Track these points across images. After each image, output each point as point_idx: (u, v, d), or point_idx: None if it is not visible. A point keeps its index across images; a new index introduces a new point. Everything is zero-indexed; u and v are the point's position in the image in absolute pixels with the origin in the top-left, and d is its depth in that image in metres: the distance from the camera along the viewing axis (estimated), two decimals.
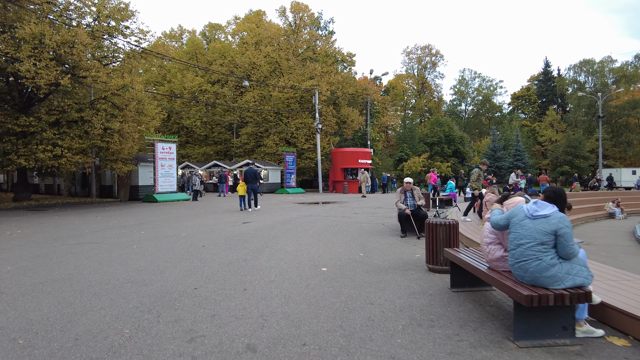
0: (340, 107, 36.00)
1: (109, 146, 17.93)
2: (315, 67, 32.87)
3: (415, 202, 8.72)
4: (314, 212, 14.02)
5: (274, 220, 11.78)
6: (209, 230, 9.94)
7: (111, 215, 14.18)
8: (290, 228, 9.98)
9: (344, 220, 11.59)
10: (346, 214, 13.25)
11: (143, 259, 6.59)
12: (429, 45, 73.80)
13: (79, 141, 16.90)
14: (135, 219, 12.82)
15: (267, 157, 34.32)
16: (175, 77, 37.88)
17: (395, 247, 7.44)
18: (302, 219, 12.00)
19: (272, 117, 34.69)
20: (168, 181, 21.63)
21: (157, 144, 21.01)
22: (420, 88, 72.33)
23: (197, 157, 38.75)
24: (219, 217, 12.98)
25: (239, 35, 39.28)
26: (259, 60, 33.83)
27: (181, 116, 38.67)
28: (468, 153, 45.66)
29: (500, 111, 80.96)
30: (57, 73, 15.17)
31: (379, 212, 14.07)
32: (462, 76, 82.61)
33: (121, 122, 18.21)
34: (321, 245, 7.56)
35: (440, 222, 5.52)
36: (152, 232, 9.64)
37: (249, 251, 7.08)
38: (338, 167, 32.03)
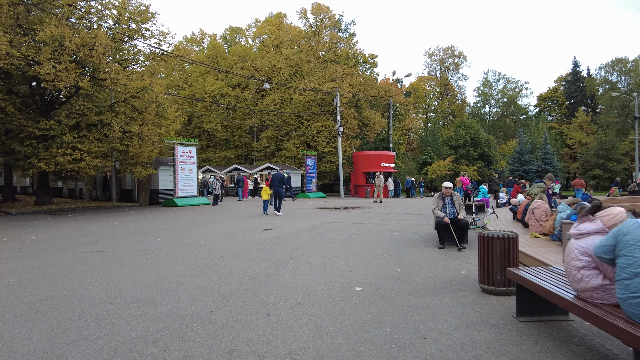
0: (361, 109, 35.21)
1: (128, 149, 17.63)
2: (336, 69, 32.20)
3: (455, 209, 7.86)
4: (338, 218, 13.25)
5: (297, 227, 11.07)
6: (229, 237, 9.30)
7: (129, 220, 13.75)
8: (315, 236, 9.24)
9: (372, 228, 10.78)
10: (372, 221, 12.43)
11: (155, 271, 5.96)
12: (452, 46, 72.16)
13: (98, 144, 16.65)
14: (152, 224, 12.33)
15: (287, 160, 33.79)
16: (196, 81, 37.85)
17: (435, 260, 6.60)
18: (326, 225, 11.25)
19: (293, 120, 34.17)
20: (188, 185, 21.26)
21: (177, 147, 20.67)
22: (442, 90, 70.80)
23: (217, 161, 38.58)
24: (239, 223, 12.36)
25: (259, 38, 39.03)
26: (280, 63, 33.39)
27: (202, 120, 38.60)
28: (495, 156, 44.02)
29: (525, 113, 78.62)
30: (77, 75, 14.92)
31: (408, 219, 13.19)
32: (486, 78, 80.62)
33: (140, 125, 17.91)
34: (351, 258, 6.78)
35: (496, 235, 4.68)
36: (168, 240, 9.06)
37: (272, 263, 6.38)
38: (360, 171, 31.20)
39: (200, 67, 39.76)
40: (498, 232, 4.77)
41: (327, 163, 33.86)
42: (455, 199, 7.96)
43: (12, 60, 14.30)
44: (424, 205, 19.79)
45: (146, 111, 18.30)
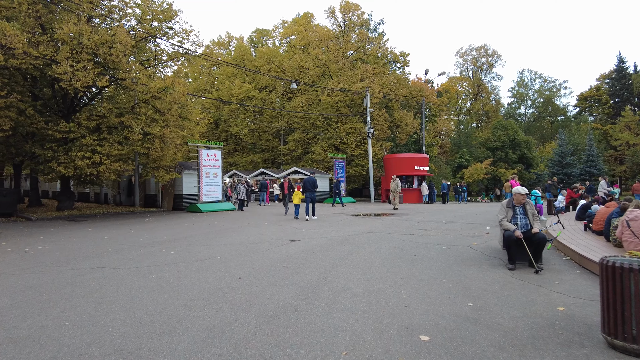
0: (392, 110, 33.60)
1: (150, 152, 16.81)
2: (366, 68, 30.77)
3: (528, 221, 6.31)
4: (373, 227, 11.81)
5: (328, 237, 9.71)
6: (251, 250, 8.04)
7: (147, 228, 12.79)
8: (351, 250, 7.85)
9: (415, 240, 9.28)
10: (414, 231, 10.91)
11: (156, 299, 4.74)
12: (485, 45, 69.32)
13: (118, 147, 15.88)
14: (171, 233, 11.27)
15: (315, 164, 32.56)
16: (223, 85, 37.31)
17: (512, 288, 5.08)
18: (362, 236, 9.84)
19: (321, 123, 32.93)
20: (213, 190, 20.31)
21: (202, 150, 19.78)
22: (475, 91, 68.02)
23: (244, 166, 37.82)
24: (264, 231, 11.13)
25: (286, 39, 38.13)
26: (307, 64, 32.28)
27: (229, 124, 37.98)
28: (535, 159, 41.31)
29: (563, 114, 74.65)
30: (95, 75, 14.17)
31: (454, 228, 11.58)
32: (520, 77, 77.39)
33: (162, 127, 17.07)
34: (401, 283, 5.35)
35: (630, 265, 3.17)
36: (183, 253, 7.89)
37: (301, 290, 5.03)
38: (391, 175, 29.51)
39: (227, 70, 39.26)
40: (631, 261, 3.25)
41: (356, 166, 32.41)
42: (529, 207, 6.40)
43: (30, 60, 13.70)
44: (467, 211, 18.03)
45: (168, 112, 17.45)
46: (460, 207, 22.92)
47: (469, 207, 22.14)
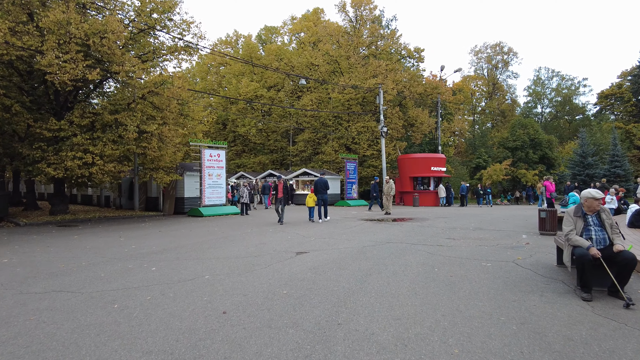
0: (407, 108, 31.99)
1: (146, 152, 15.55)
2: (379, 64, 29.26)
3: (606, 234, 4.78)
4: (392, 235, 10.31)
5: (341, 248, 8.25)
6: (247, 267, 6.63)
7: (138, 235, 11.48)
8: (369, 269, 6.38)
9: (445, 252, 7.78)
10: (440, 240, 9.40)
11: (99, 351, 3.33)
12: (500, 42, 67.04)
13: (112, 147, 14.63)
14: (162, 242, 9.93)
15: (325, 165, 31.11)
16: (230, 84, 36.12)
17: (609, 336, 3.55)
18: (380, 248, 8.36)
19: (331, 122, 31.48)
20: (216, 193, 19.02)
21: (204, 150, 18.50)
22: (491, 89, 65.91)
23: (252, 167, 36.56)
24: (267, 240, 9.71)
25: (296, 36, 36.78)
26: (317, 60, 30.87)
27: (236, 124, 36.79)
28: (557, 159, 39.26)
29: (582, 113, 72.11)
30: (84, 67, 12.94)
31: (484, 236, 10.03)
32: (537, 76, 75.09)
33: (161, 125, 15.81)
34: (445, 325, 3.86)
35: None
36: (165, 270, 6.52)
37: (305, 335, 3.59)
38: (406, 176, 28.00)
39: (234, 69, 38.11)
40: None
41: (368, 167, 30.87)
42: (605, 217, 4.87)
43: (13, 51, 12.53)
44: (493, 216, 16.40)
45: (167, 109, 16.21)
46: (483, 211, 21.25)
47: (493, 211, 20.47)
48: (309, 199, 14.90)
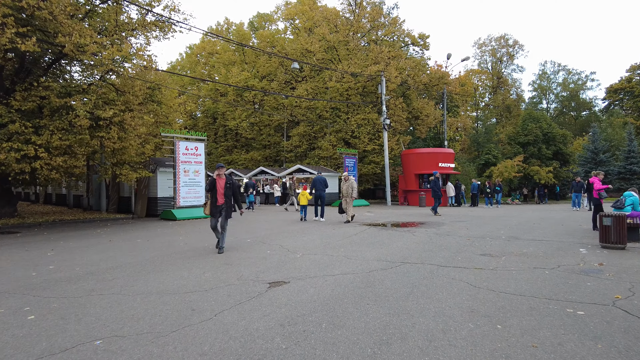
0: (411, 99, 29.34)
1: (104, 143, 12.90)
2: (380, 50, 26.59)
3: None
4: (406, 250, 7.70)
5: (336, 276, 5.64)
6: (179, 319, 4.02)
7: (79, 247, 8.88)
8: (384, 326, 3.76)
9: (492, 282, 5.18)
10: (474, 259, 6.80)
11: None
12: (505, 35, 64.32)
13: (60, 136, 11.99)
14: (96, 259, 7.33)
15: (321, 161, 28.46)
16: (220, 74, 33.43)
17: None
18: (394, 274, 5.75)
19: (329, 114, 28.77)
20: (193, 192, 16.36)
21: (179, 142, 15.83)
22: (495, 84, 63.21)
23: (244, 164, 33.90)
24: (237, 257, 7.10)
25: (290, 22, 34.04)
26: (313, 46, 28.13)
27: (226, 117, 34.11)
28: (572, 155, 36.66)
29: (589, 108, 69.65)
30: (13, 35, 10.27)
31: (530, 252, 7.44)
32: (542, 70, 72.54)
33: (123, 112, 13.17)
34: None
35: None
36: (45, 323, 3.92)
37: None
38: (411, 173, 25.36)
39: (224, 58, 35.44)
40: None
41: (369, 164, 28.21)
42: None
43: None
44: (515, 219, 13.81)
45: (130, 93, 13.55)
46: (499, 212, 18.64)
47: (512, 212, 17.87)
48: (301, 197, 14.03)
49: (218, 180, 7.66)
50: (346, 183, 13.78)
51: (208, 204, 7.81)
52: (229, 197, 7.69)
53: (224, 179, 7.69)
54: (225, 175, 7.79)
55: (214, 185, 7.64)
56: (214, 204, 7.68)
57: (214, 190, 7.65)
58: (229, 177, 7.81)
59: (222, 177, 7.70)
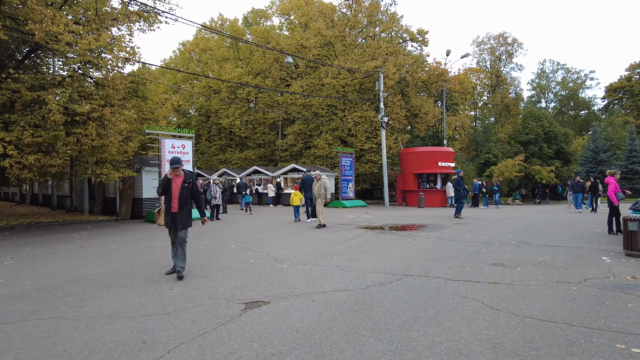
0: (409, 97, 28.49)
1: (82, 140, 11.96)
2: (378, 46, 25.73)
3: None
4: (407, 259, 6.85)
5: (326, 294, 4.77)
6: (131, 349, 3.16)
7: (48, 254, 8.01)
8: None
9: (512, 302, 4.34)
10: (485, 270, 5.95)
11: None
12: (504, 33, 63.54)
13: (32, 133, 11.07)
14: (57, 270, 6.48)
15: (317, 160, 27.57)
16: (213, 70, 32.49)
17: None
18: (395, 290, 4.90)
19: (324, 111, 27.88)
20: None
21: (164, 140, 14.92)
22: (494, 82, 62.46)
23: (237, 163, 32.97)
24: (214, 267, 6.21)
25: (285, 17, 33.12)
26: (308, 42, 27.23)
27: (219, 115, 33.17)
28: (574, 154, 35.90)
29: (588, 107, 69.15)
30: None
31: (547, 261, 6.60)
32: (541, 69, 72.02)
33: (102, 107, 12.25)
34: None
35: None
36: None
37: None
38: (410, 173, 24.52)
39: (217, 54, 34.51)
40: None
41: (366, 163, 27.35)
42: None
43: None
44: (525, 222, 12.96)
45: (110, 86, 12.63)
46: (503, 214, 17.82)
47: (516, 214, 17.05)
48: (294, 197, 13.52)
49: (174, 180, 5.88)
50: (317, 183, 12.34)
51: (161, 211, 6.13)
52: (187, 201, 5.92)
53: (181, 177, 5.90)
54: (185, 172, 5.97)
55: (169, 186, 5.83)
56: (168, 211, 5.89)
57: (168, 193, 5.86)
58: (188, 174, 5.99)
59: (180, 175, 5.91)
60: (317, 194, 12.26)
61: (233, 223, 13.84)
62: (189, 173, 6.03)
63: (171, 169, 5.81)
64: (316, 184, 12.39)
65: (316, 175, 12.71)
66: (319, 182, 12.30)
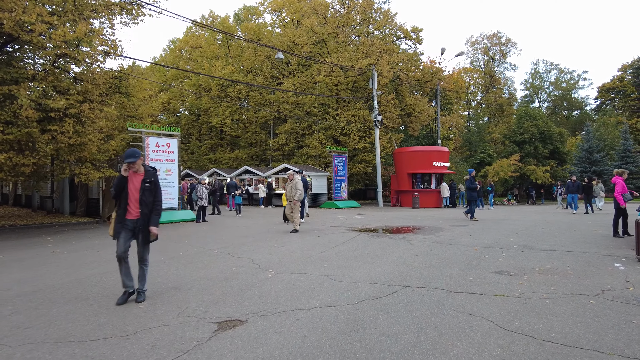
0: (403, 96, 27.99)
1: (58, 138, 11.25)
2: (372, 43, 25.19)
3: None
4: (403, 266, 6.27)
5: (312, 311, 4.16)
6: None
7: (7, 262, 7.34)
8: None
9: (525, 321, 3.78)
10: (490, 280, 5.39)
11: None
12: (497, 32, 63.47)
13: (0, 128, 10.35)
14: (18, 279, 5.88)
15: (310, 160, 26.97)
16: (203, 68, 31.75)
17: None
18: (391, 305, 4.31)
19: (317, 110, 27.28)
20: (165, 193, 14.72)
21: (148, 138, 14.25)
22: (488, 82, 62.28)
23: (228, 163, 32.25)
24: (189, 279, 5.59)
25: (277, 14, 32.46)
26: (300, 39, 26.62)
27: (210, 114, 32.44)
28: (569, 154, 35.65)
29: (580, 108, 69.30)
30: None
31: (555, 269, 6.06)
32: (534, 69, 72.08)
33: (80, 103, 11.55)
34: None
35: None
36: None
37: None
38: (404, 173, 24.00)
39: (207, 52, 33.79)
40: None
41: (360, 163, 26.80)
42: None
43: None
44: (524, 223, 12.44)
45: (89, 81, 11.93)
46: (497, 214, 17.34)
47: (512, 215, 16.57)
48: (284, 198, 12.27)
49: (131, 179, 4.57)
50: (290, 183, 11.18)
51: (113, 219, 4.64)
52: (150, 207, 4.60)
53: (141, 175, 4.60)
54: (146, 168, 4.67)
55: (124, 186, 4.54)
56: (121, 218, 4.55)
57: (123, 195, 4.55)
58: (150, 172, 4.68)
59: (140, 172, 4.60)
60: (289, 196, 11.08)
61: (220, 225, 13.19)
62: (151, 170, 4.72)
63: (126, 165, 4.49)
64: (288, 185, 11.26)
65: (289, 174, 11.59)
66: (292, 183, 11.13)
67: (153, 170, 4.78)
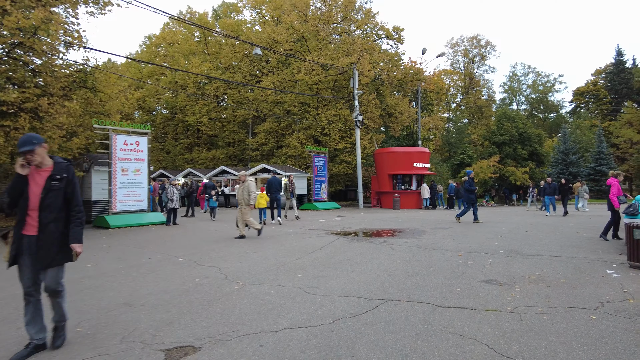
0: (384, 96, 27.68)
1: (12, 134, 10.35)
2: (353, 41, 24.76)
3: None
4: (385, 275, 5.76)
5: (277, 338, 3.57)
6: None
7: None
8: None
9: (525, 347, 3.26)
10: (479, 291, 4.93)
11: None
12: (477, 35, 64.15)
13: None
14: None
15: (289, 160, 26.35)
16: (180, 64, 30.73)
17: None
18: (371, 333, 3.76)
19: (297, 109, 26.68)
20: (134, 194, 13.95)
21: (115, 136, 13.37)
22: (467, 84, 62.90)
23: (204, 163, 31.30)
24: (144, 292, 4.93)
25: (256, 10, 31.72)
26: (280, 36, 25.99)
27: (186, 112, 31.43)
28: (547, 155, 36.08)
29: (556, 110, 70.80)
30: None
31: (546, 276, 5.66)
32: (512, 72, 73.26)
33: (38, 96, 10.67)
34: None
35: None
36: None
37: None
38: (384, 174, 23.65)
39: (184, 48, 32.79)
40: None
41: (340, 163, 26.33)
42: None
43: None
44: (508, 226, 12.13)
45: (48, 72, 11.05)
46: (483, 217, 17.08)
47: (492, 217, 16.36)
48: (260, 200, 12.78)
49: (32, 178, 3.19)
50: (241, 186, 10.10)
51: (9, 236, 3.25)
52: (58, 216, 3.27)
53: (47, 170, 3.24)
54: (56, 161, 3.33)
55: (24, 189, 3.14)
56: (18, 234, 3.18)
57: (21, 201, 3.15)
58: (61, 166, 3.31)
59: (45, 167, 3.24)
60: (241, 199, 9.99)
61: (191, 229, 12.46)
62: (62, 163, 3.34)
63: (22, 158, 3.11)
64: (239, 187, 10.15)
65: (240, 175, 10.41)
66: (243, 185, 10.05)
67: (67, 163, 3.39)
